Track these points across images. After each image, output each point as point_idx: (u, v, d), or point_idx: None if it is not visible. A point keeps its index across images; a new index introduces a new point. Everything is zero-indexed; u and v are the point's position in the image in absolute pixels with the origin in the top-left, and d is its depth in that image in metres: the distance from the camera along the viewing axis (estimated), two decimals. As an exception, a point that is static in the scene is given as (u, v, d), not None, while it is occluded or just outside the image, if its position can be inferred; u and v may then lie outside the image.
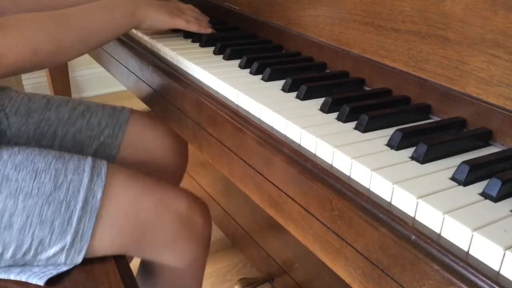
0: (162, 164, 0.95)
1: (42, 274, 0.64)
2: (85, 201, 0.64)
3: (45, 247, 0.63)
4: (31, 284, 0.64)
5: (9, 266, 0.65)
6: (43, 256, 0.64)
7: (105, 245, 0.67)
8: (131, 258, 0.96)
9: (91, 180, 0.65)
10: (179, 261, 0.76)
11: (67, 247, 0.64)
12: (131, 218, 0.68)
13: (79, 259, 0.66)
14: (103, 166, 0.68)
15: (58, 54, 0.69)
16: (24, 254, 0.63)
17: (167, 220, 0.71)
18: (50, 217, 0.63)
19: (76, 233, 0.64)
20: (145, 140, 0.92)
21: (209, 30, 0.89)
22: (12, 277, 0.64)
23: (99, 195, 0.65)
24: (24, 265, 0.65)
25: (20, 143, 0.82)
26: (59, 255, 0.64)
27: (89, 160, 0.68)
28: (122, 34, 0.79)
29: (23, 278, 0.64)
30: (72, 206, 0.63)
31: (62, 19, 0.70)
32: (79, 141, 0.86)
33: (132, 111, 0.92)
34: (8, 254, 0.63)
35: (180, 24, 0.85)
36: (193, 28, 0.87)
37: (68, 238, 0.64)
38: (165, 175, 0.96)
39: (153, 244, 0.72)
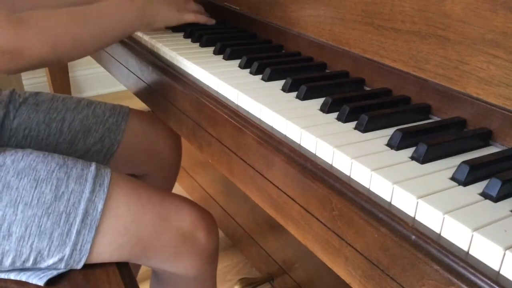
0: (161, 154, 1.00)
1: (42, 275, 0.64)
2: (85, 213, 0.63)
3: (44, 258, 0.63)
4: (31, 284, 0.64)
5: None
6: (42, 265, 0.64)
7: (105, 257, 0.67)
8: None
9: (92, 191, 0.64)
10: (182, 274, 0.75)
11: (65, 258, 0.64)
12: (132, 234, 0.67)
13: (78, 267, 0.65)
14: (107, 176, 0.67)
15: (76, 49, 0.71)
16: (23, 262, 0.63)
17: (167, 237, 0.71)
18: (49, 228, 0.62)
19: (75, 245, 0.63)
20: (146, 131, 0.97)
21: (213, 21, 0.96)
22: (12, 277, 0.64)
23: (100, 207, 0.64)
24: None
25: (30, 127, 0.86)
26: (58, 264, 0.64)
27: (92, 169, 0.67)
28: (134, 32, 0.84)
29: (23, 278, 0.64)
30: (72, 218, 0.63)
31: (79, 15, 0.71)
32: (87, 125, 0.89)
33: (130, 108, 0.96)
34: (8, 262, 0.62)
35: (190, 18, 0.90)
36: (202, 20, 0.93)
37: (67, 250, 0.63)
38: (164, 166, 1.02)
39: (154, 258, 0.72)
